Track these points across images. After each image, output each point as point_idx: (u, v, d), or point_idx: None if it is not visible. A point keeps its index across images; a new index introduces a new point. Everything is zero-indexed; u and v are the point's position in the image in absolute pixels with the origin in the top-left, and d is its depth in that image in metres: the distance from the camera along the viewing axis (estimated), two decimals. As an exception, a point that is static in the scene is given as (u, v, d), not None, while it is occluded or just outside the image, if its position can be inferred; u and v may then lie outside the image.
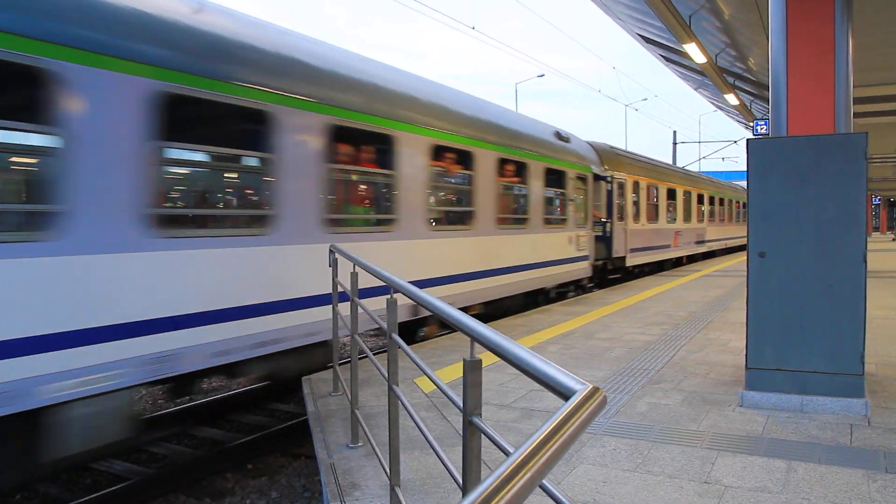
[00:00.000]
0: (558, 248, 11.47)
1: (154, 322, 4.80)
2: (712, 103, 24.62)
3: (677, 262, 20.37)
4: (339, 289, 5.24)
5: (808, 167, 4.78)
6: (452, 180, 8.73)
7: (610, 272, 14.74)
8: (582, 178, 12.57)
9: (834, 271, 4.72)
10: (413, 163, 7.58)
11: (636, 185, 15.78)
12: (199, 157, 6.21)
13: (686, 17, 11.63)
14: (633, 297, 11.94)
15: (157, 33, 4.92)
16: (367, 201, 7.68)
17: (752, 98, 19.98)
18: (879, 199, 63.12)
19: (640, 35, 15.31)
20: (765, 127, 17.43)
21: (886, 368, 6.05)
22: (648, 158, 18.54)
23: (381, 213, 7.48)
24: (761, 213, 4.93)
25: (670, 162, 33.69)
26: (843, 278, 4.69)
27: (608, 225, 14.23)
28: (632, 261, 15.48)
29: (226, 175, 7.01)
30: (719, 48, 14.62)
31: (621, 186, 14.74)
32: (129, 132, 4.66)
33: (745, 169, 5.04)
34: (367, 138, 7.08)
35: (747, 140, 5.09)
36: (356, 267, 4.36)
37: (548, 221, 11.07)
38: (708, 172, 33.52)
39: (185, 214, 6.05)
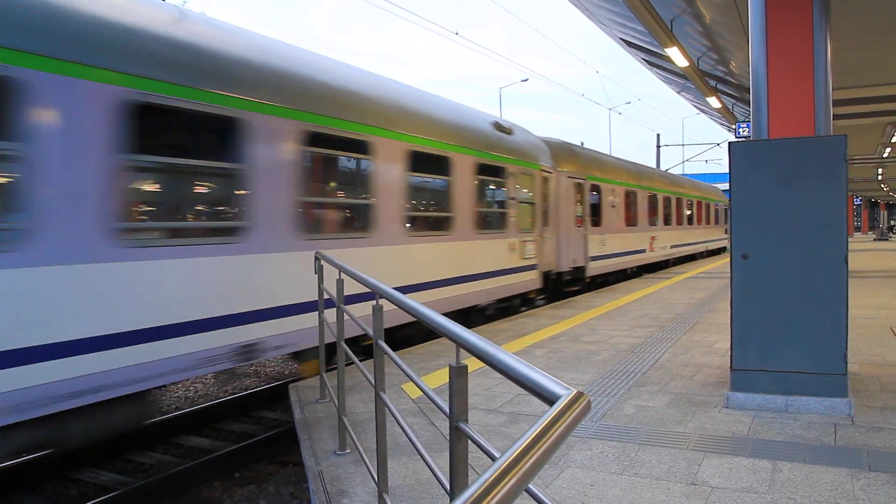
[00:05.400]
0: (715, 234, 28.21)
1: None
2: (695, 106, 24.83)
3: None
4: (326, 295, 5.23)
5: (789, 170, 4.83)
6: (688, 210, 23.12)
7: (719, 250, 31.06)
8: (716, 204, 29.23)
9: (816, 272, 4.77)
10: (683, 207, 23.19)
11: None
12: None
13: (668, 21, 11.73)
14: (619, 300, 12.00)
15: None
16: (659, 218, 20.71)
17: (734, 101, 20.15)
18: (861, 200, 63.94)
19: (622, 39, 15.40)
20: (747, 129, 17.68)
21: (869, 368, 6.12)
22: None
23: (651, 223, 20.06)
24: (744, 216, 4.98)
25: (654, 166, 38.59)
26: (825, 279, 4.75)
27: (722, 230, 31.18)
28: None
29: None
30: (701, 52, 14.75)
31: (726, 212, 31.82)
32: None
33: (727, 171, 5.09)
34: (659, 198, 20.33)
35: (729, 143, 5.15)
36: (342, 273, 4.35)
37: (715, 222, 28.52)
38: (691, 175, 37.05)
39: None
